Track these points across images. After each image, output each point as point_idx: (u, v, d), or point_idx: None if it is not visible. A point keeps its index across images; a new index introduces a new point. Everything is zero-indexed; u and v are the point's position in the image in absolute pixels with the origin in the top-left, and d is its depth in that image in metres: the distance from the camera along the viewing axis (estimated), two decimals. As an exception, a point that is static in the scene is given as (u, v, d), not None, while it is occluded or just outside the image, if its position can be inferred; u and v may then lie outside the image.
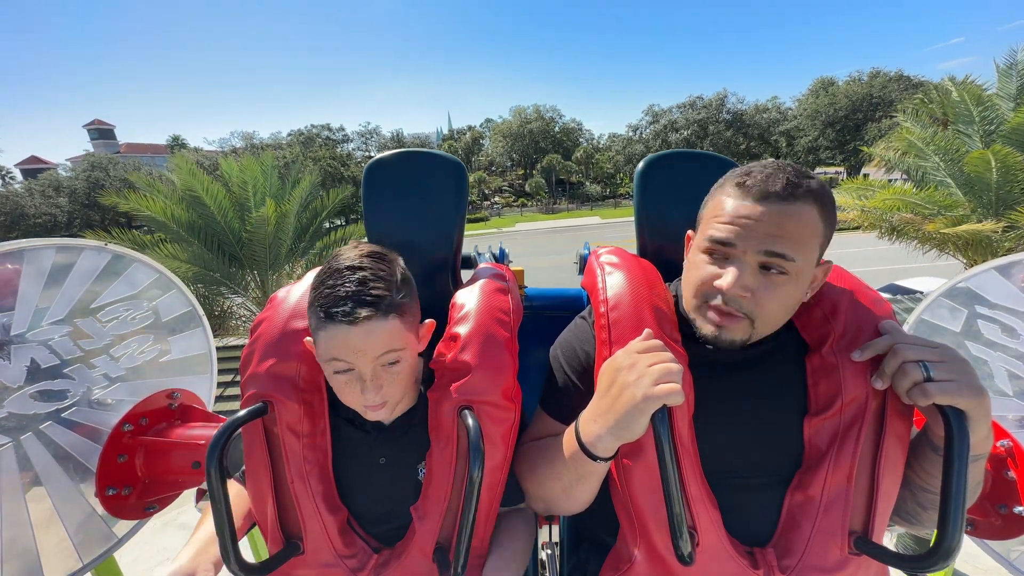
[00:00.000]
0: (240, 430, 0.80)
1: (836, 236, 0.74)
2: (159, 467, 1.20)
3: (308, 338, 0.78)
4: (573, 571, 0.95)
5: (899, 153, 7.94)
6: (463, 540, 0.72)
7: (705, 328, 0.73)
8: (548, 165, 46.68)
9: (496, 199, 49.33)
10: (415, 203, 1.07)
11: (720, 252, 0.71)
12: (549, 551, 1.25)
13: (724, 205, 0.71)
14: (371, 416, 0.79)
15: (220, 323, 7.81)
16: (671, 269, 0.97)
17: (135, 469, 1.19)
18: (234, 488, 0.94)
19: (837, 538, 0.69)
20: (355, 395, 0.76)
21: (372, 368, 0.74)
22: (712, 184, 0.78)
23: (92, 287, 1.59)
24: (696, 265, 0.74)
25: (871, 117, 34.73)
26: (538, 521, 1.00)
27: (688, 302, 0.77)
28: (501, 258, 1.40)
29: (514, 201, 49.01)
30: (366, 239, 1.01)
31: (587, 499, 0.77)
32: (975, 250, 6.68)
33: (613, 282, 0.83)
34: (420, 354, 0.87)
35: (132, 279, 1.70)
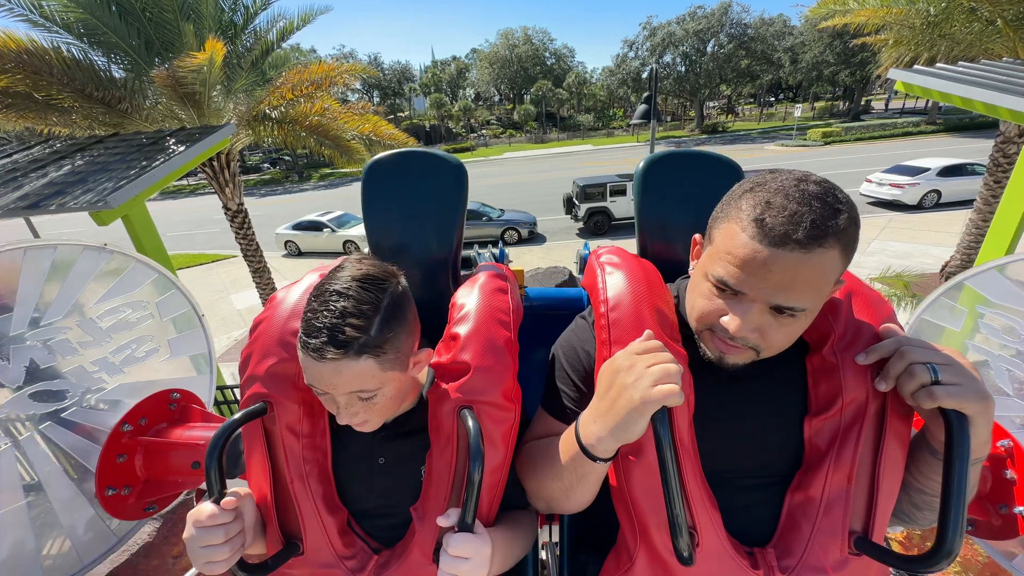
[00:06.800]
0: (240, 430, 0.80)
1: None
2: (159, 467, 1.20)
3: None
4: (573, 571, 0.95)
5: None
6: None
7: (710, 351, 0.72)
8: (538, 93, 43.58)
9: (483, 131, 46.56)
10: (415, 203, 1.07)
11: (728, 291, 0.66)
12: (549, 551, 1.25)
13: (736, 241, 0.62)
14: (356, 428, 0.78)
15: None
16: (671, 269, 0.97)
17: (134, 469, 1.19)
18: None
19: (837, 538, 0.69)
20: (334, 412, 0.75)
21: (346, 399, 0.72)
22: (712, 184, 0.78)
23: (92, 287, 1.59)
24: (702, 294, 0.70)
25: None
26: (539, 520, 1.00)
27: (692, 322, 0.75)
28: (501, 258, 1.40)
29: (502, 133, 46.18)
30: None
31: (587, 499, 0.77)
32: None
33: (613, 282, 0.83)
34: None
35: (131, 279, 1.71)
